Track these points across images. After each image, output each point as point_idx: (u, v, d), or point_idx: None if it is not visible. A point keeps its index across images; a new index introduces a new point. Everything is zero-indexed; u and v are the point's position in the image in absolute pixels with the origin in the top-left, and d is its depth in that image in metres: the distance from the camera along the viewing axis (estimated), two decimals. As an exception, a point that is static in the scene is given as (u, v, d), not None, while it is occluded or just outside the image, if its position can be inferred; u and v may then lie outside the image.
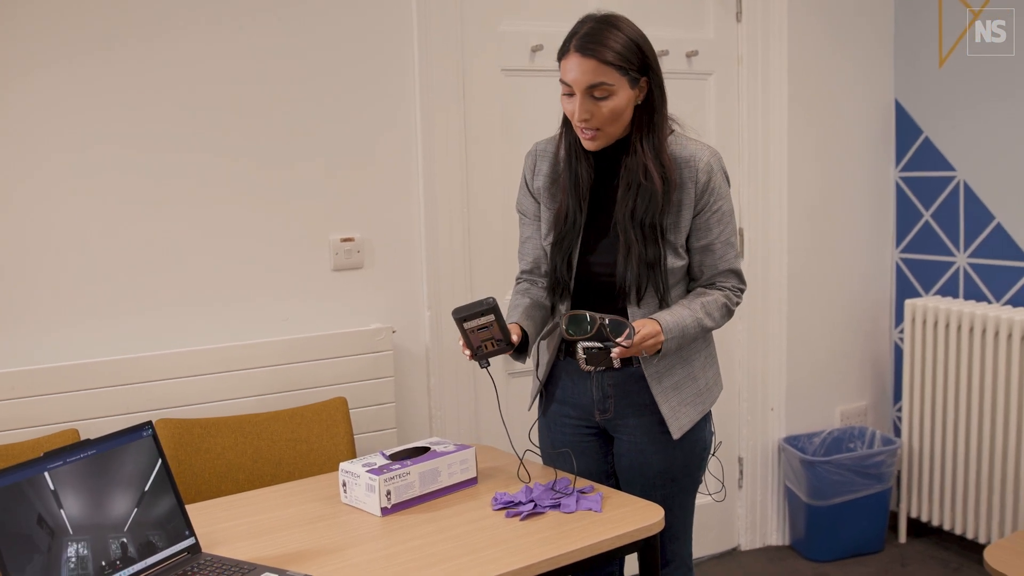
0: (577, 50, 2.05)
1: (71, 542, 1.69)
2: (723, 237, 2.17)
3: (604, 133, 2.10)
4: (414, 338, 3.03)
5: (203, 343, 2.70)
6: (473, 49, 3.05)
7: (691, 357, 2.22)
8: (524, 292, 2.33)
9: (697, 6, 3.47)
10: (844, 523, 3.60)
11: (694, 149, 2.15)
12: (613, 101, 2.06)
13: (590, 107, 2.06)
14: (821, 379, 3.84)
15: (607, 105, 2.06)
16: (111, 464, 1.79)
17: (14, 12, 2.46)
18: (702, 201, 2.14)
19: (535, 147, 2.32)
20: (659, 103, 2.13)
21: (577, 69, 2.05)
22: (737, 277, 2.23)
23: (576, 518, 2.01)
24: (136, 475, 1.83)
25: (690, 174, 2.13)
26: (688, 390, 2.21)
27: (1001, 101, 3.47)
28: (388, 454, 2.20)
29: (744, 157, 3.60)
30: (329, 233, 2.89)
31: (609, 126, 2.09)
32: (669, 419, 2.19)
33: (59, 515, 1.69)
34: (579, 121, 2.08)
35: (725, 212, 2.17)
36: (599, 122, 2.08)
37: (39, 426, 2.45)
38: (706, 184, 2.13)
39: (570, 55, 2.06)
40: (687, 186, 2.13)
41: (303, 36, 2.80)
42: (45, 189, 2.53)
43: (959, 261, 3.66)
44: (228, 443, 2.60)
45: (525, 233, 2.35)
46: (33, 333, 2.54)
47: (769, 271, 3.66)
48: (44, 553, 1.65)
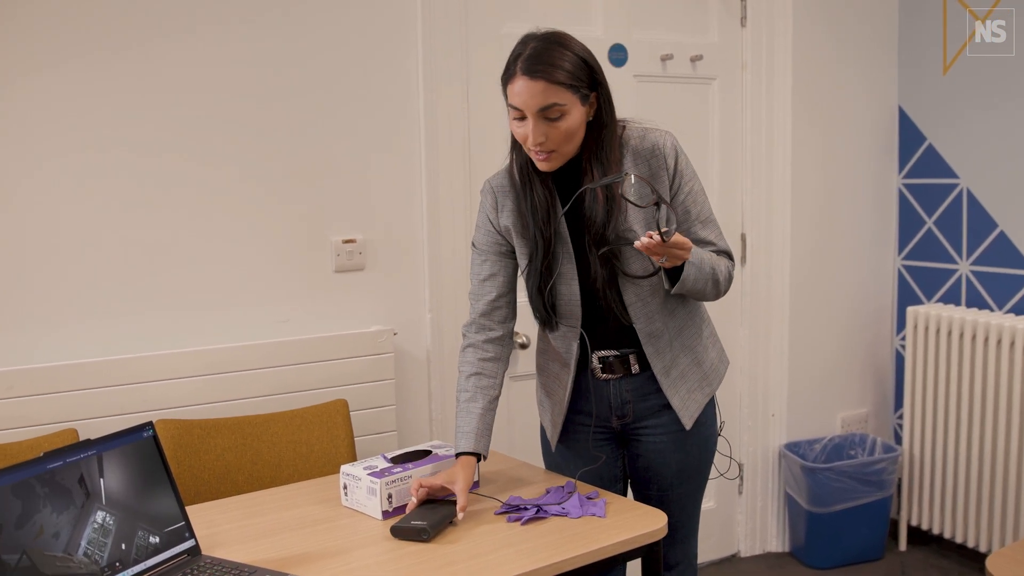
0: (525, 73, 1.96)
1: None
2: (702, 216, 2.14)
3: (559, 154, 2.03)
4: (415, 340, 3.02)
5: (204, 344, 2.68)
6: (476, 51, 3.04)
7: (693, 344, 2.21)
8: (476, 377, 2.20)
9: (702, 11, 3.47)
10: (844, 530, 3.59)
11: (654, 138, 2.09)
12: (567, 121, 1.98)
13: (544, 129, 1.98)
14: (822, 385, 3.83)
15: (561, 126, 1.98)
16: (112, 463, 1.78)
17: (14, 13, 2.44)
18: (674, 184, 2.10)
19: (489, 184, 2.23)
20: (608, 118, 2.07)
21: (527, 92, 1.96)
22: (726, 255, 2.17)
23: (579, 523, 2.00)
24: (136, 476, 1.82)
25: (658, 163, 2.08)
26: (693, 376, 2.21)
27: (1005, 109, 3.46)
28: (389, 457, 2.19)
29: (747, 162, 3.59)
30: (331, 234, 2.88)
31: (564, 146, 2.02)
32: (680, 410, 2.18)
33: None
34: (533, 145, 2.00)
35: (697, 191, 2.13)
36: (554, 144, 2.00)
37: (38, 425, 2.44)
38: (675, 167, 2.09)
39: (517, 78, 1.98)
40: (660, 176, 2.08)
41: (306, 37, 2.79)
42: (47, 190, 2.51)
43: (961, 269, 3.66)
44: (228, 444, 2.59)
45: (485, 271, 2.23)
46: (33, 332, 2.52)
47: (771, 277, 3.65)
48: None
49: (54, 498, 1.67)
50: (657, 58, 3.35)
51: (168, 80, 2.62)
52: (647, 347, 2.16)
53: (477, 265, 2.24)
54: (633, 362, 2.19)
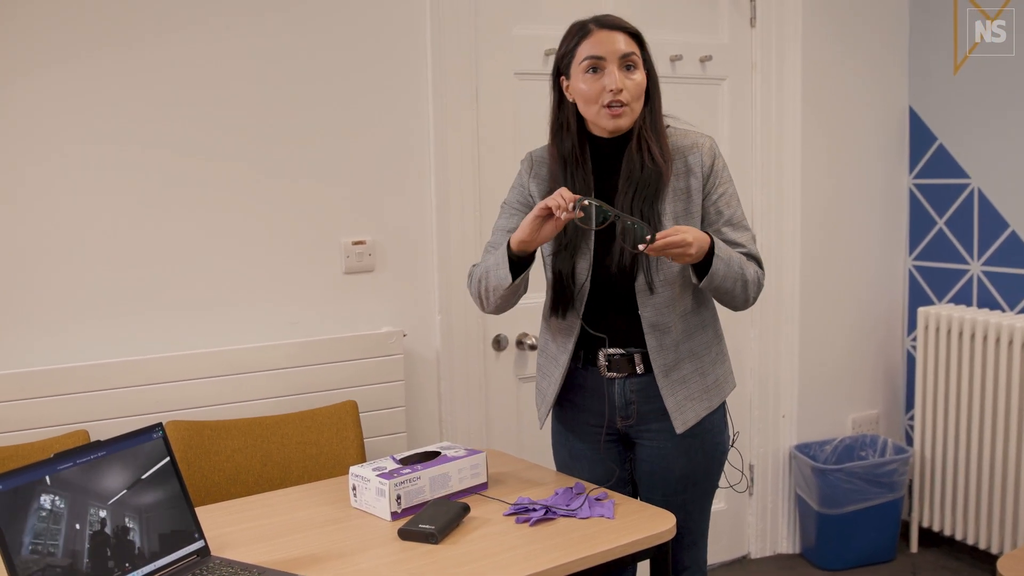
0: (603, 26, 2.09)
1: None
2: (733, 220, 2.16)
3: (631, 109, 2.10)
4: (425, 342, 3.02)
5: (213, 345, 2.69)
6: (486, 52, 3.04)
7: (700, 352, 2.21)
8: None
9: (711, 11, 3.46)
10: (855, 532, 3.58)
11: (694, 137, 2.18)
12: (639, 75, 2.10)
13: (623, 80, 2.07)
14: (833, 387, 3.82)
15: (637, 78, 2.09)
16: (123, 465, 1.79)
17: (15, 12, 2.45)
18: (708, 183, 2.15)
19: (530, 154, 2.31)
20: (655, 95, 2.15)
21: (608, 40, 2.08)
22: (756, 261, 2.19)
23: (588, 525, 2.00)
24: (146, 477, 1.83)
25: (695, 160, 2.14)
26: (696, 385, 2.20)
27: (1016, 109, 3.45)
28: (399, 458, 2.19)
29: (757, 163, 3.58)
30: (341, 236, 2.88)
31: (635, 101, 2.10)
32: (673, 413, 2.18)
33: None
34: (612, 93, 2.06)
35: (730, 195, 2.17)
36: (630, 95, 2.08)
37: (49, 427, 2.45)
38: (711, 167, 2.15)
39: (595, 32, 2.09)
40: (695, 171, 2.14)
41: (316, 38, 2.79)
42: (57, 190, 2.53)
43: (973, 269, 3.64)
44: (238, 446, 2.60)
45: (511, 224, 2.24)
46: (43, 334, 2.53)
47: (782, 277, 3.64)
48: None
49: (64, 499, 1.68)
50: (666, 59, 3.35)
51: (178, 81, 2.63)
52: (650, 339, 2.16)
53: (503, 219, 2.29)
54: (638, 362, 2.19)
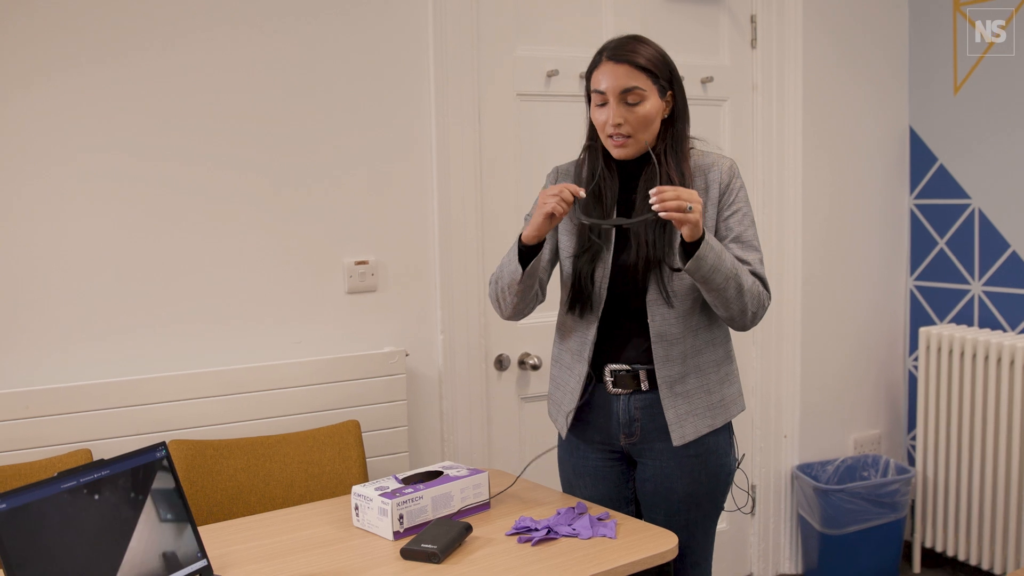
0: (610, 58, 2.14)
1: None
2: (743, 238, 2.18)
3: (635, 140, 2.14)
4: (427, 361, 3.03)
5: (216, 364, 2.70)
6: (489, 73, 3.06)
7: (707, 369, 2.21)
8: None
9: (712, 32, 3.49)
10: (858, 552, 3.57)
11: (715, 158, 2.22)
12: (645, 107, 2.12)
13: (623, 112, 2.12)
14: (835, 407, 3.82)
15: (640, 110, 2.12)
16: (124, 484, 1.79)
17: (19, 20, 2.47)
18: (724, 200, 2.18)
19: (556, 169, 2.36)
20: (681, 119, 2.20)
21: (610, 75, 2.12)
22: (760, 281, 2.19)
23: (590, 544, 2.00)
24: (149, 496, 1.83)
25: (714, 176, 2.19)
26: (699, 401, 2.20)
27: (1017, 129, 3.46)
28: (401, 478, 2.19)
29: (758, 183, 3.60)
30: (343, 256, 2.89)
31: (640, 132, 2.13)
32: (672, 425, 2.18)
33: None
34: (612, 127, 2.12)
35: (744, 215, 2.19)
36: (631, 128, 2.12)
37: (52, 446, 2.45)
38: (728, 185, 2.18)
39: (602, 64, 2.15)
40: (711, 188, 2.18)
41: (318, 61, 2.81)
42: (58, 207, 2.54)
43: (974, 289, 3.65)
44: (240, 465, 2.60)
45: None
46: (46, 353, 2.54)
47: (783, 297, 3.65)
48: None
49: (67, 518, 1.68)
50: (668, 80, 3.36)
51: (183, 101, 2.65)
52: (656, 349, 2.17)
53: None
54: (643, 378, 2.20)
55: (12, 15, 2.45)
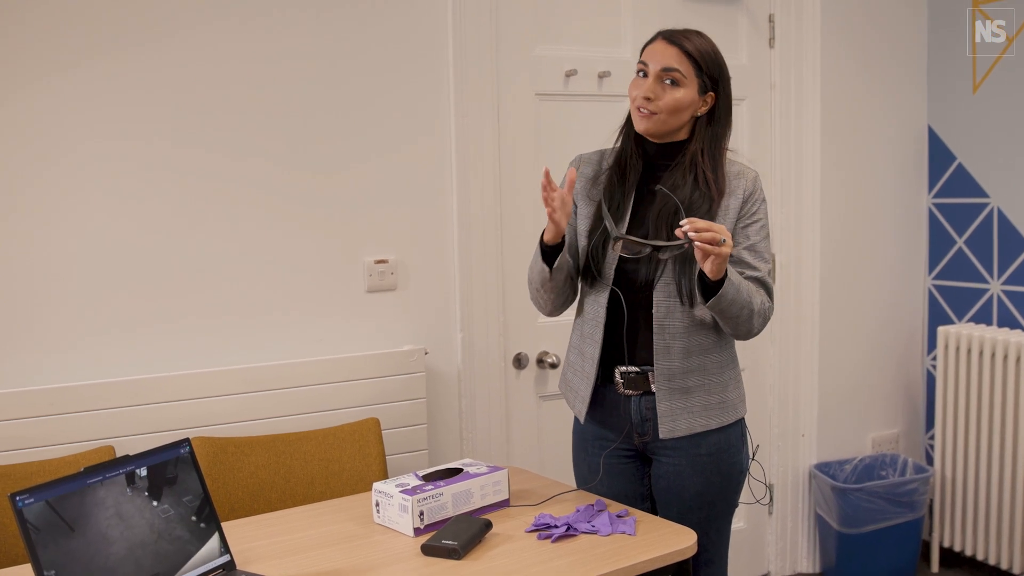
0: (664, 38, 2.19)
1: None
2: (756, 247, 2.19)
3: (659, 119, 2.16)
4: (447, 359, 3.05)
5: (237, 362, 2.72)
6: (508, 73, 3.07)
7: (710, 370, 2.21)
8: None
9: (730, 32, 3.49)
10: (876, 552, 3.57)
11: (741, 167, 2.24)
12: (679, 92, 2.15)
13: (657, 89, 2.15)
14: (853, 406, 3.82)
15: (673, 93, 2.15)
16: (149, 479, 1.82)
17: (29, 13, 2.50)
18: (746, 208, 2.19)
19: (579, 156, 2.38)
20: (721, 123, 2.22)
21: (659, 52, 2.17)
22: (765, 290, 2.19)
23: (609, 541, 2.01)
24: (173, 491, 1.85)
25: (738, 184, 2.20)
26: (697, 400, 2.20)
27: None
28: (421, 475, 2.21)
29: (777, 182, 3.60)
30: (363, 254, 2.91)
31: (666, 114, 2.16)
32: (662, 417, 2.19)
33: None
34: (642, 98, 2.15)
35: (761, 226, 2.21)
36: (659, 106, 2.15)
37: (75, 443, 2.48)
38: (751, 194, 2.20)
39: (656, 42, 2.20)
40: (735, 194, 2.19)
41: (338, 60, 2.83)
42: (81, 205, 2.56)
43: (993, 288, 3.64)
44: (261, 462, 2.62)
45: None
46: (69, 350, 2.56)
47: (801, 297, 3.65)
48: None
49: (93, 512, 1.71)
50: (686, 79, 3.37)
51: (201, 95, 2.67)
52: (657, 340, 2.17)
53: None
54: (652, 379, 2.21)
55: (20, 6, 2.46)
